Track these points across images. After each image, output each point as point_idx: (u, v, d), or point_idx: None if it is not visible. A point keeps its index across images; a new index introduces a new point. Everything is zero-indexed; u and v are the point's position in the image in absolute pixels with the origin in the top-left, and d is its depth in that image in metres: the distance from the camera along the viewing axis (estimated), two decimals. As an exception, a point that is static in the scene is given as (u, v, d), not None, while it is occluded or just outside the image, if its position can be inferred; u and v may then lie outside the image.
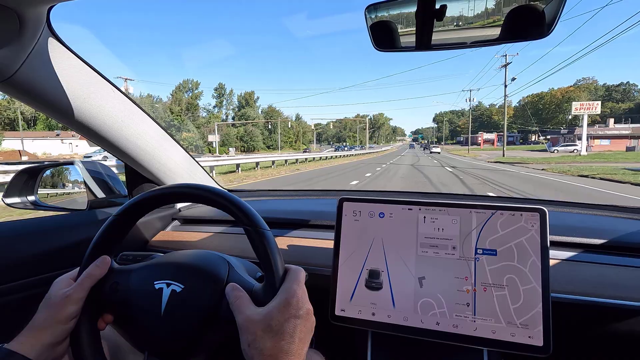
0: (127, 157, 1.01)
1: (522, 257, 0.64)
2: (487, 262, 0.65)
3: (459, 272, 0.66)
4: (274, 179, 13.34)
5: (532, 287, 0.63)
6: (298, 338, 0.45)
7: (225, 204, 0.53)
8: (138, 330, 0.54)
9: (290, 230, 1.03)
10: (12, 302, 0.79)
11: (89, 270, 0.53)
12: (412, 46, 0.68)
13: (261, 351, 0.43)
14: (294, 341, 0.44)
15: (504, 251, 0.65)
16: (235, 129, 73.58)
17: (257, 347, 0.43)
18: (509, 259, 0.65)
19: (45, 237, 0.87)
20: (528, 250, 0.64)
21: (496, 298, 0.64)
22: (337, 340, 0.88)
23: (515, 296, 0.63)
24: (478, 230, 0.67)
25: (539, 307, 0.62)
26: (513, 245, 0.65)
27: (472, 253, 0.66)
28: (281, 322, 0.45)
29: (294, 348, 0.44)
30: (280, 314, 0.45)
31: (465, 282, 0.66)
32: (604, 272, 0.74)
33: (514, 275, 0.64)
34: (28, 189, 1.09)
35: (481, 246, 0.66)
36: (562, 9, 0.57)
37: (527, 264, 0.63)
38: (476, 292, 0.65)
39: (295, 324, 0.45)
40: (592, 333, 0.74)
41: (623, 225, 0.90)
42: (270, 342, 0.43)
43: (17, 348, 0.46)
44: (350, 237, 0.74)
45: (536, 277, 0.63)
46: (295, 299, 0.47)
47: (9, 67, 0.65)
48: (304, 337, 0.46)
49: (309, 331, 0.47)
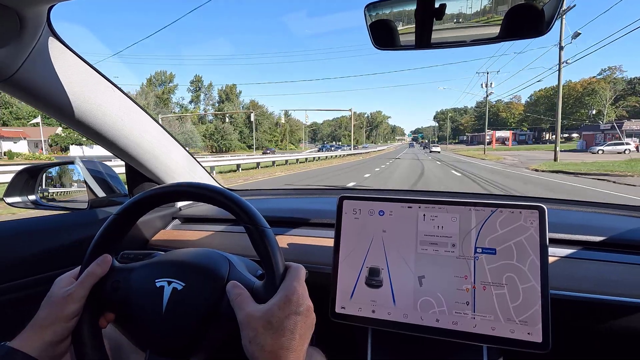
0: (127, 156, 1.01)
1: (522, 256, 0.64)
2: (486, 261, 0.66)
3: (459, 271, 0.66)
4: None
5: (531, 285, 0.63)
6: (298, 334, 0.45)
7: (225, 203, 0.53)
8: (139, 328, 0.54)
9: (291, 229, 1.03)
10: (14, 300, 0.79)
11: (90, 268, 0.53)
12: (412, 44, 0.69)
13: (262, 347, 0.44)
14: (294, 337, 0.44)
15: (503, 250, 0.65)
16: (204, 126, 65.25)
17: (258, 343, 0.44)
18: (508, 257, 0.65)
19: (46, 236, 0.87)
20: (527, 249, 0.64)
21: (495, 297, 0.64)
22: (337, 337, 0.89)
23: (514, 295, 0.63)
24: (477, 229, 0.67)
25: (538, 305, 0.62)
26: (512, 244, 0.65)
27: (471, 252, 0.67)
28: (281, 318, 0.45)
29: (294, 344, 0.44)
30: (281, 310, 0.46)
31: (465, 281, 0.66)
32: (604, 269, 0.74)
33: (513, 274, 0.64)
34: (29, 188, 1.10)
35: (480, 245, 0.66)
36: (560, 6, 0.57)
37: (527, 263, 0.64)
38: (475, 291, 0.65)
39: (295, 321, 0.45)
40: (591, 329, 0.74)
41: (622, 222, 0.90)
42: (270, 339, 0.44)
43: (19, 346, 0.46)
44: (350, 235, 0.74)
45: (535, 275, 0.63)
46: (296, 296, 0.47)
47: (10, 66, 0.65)
48: (304, 333, 0.46)
49: (309, 328, 0.47)
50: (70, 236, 0.91)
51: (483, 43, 0.68)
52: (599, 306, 0.69)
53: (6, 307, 0.78)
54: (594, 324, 0.72)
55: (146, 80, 63.87)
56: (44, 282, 0.82)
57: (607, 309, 0.69)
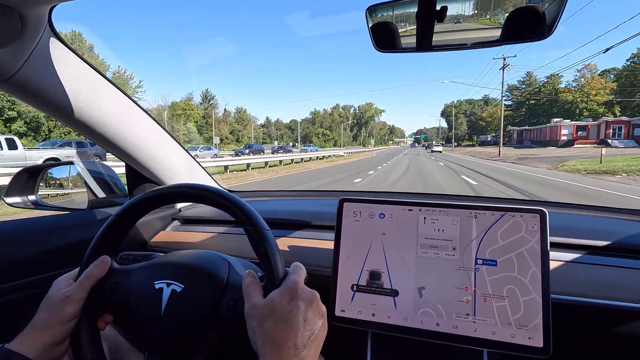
0: (127, 157, 1.01)
1: (523, 268, 0.64)
2: (487, 273, 0.65)
3: (459, 283, 0.66)
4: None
5: (533, 298, 0.62)
6: (302, 319, 0.45)
7: (225, 204, 0.53)
8: (138, 330, 0.54)
9: (291, 231, 1.03)
10: (12, 301, 0.79)
11: (89, 270, 0.53)
12: (413, 47, 0.69)
13: (266, 335, 0.44)
14: (297, 321, 0.44)
15: (504, 262, 0.65)
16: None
17: (261, 332, 0.44)
18: (509, 269, 0.64)
19: (45, 237, 0.87)
20: (528, 261, 0.64)
21: (496, 309, 0.63)
22: (337, 341, 0.88)
23: (515, 307, 0.63)
24: (478, 239, 0.67)
25: (540, 318, 0.61)
26: (513, 256, 0.64)
27: (472, 263, 0.66)
28: (284, 305, 0.45)
29: (298, 329, 0.44)
30: (282, 298, 0.46)
31: (465, 293, 0.65)
32: (605, 273, 0.74)
33: (514, 286, 0.63)
34: (29, 188, 1.10)
35: (481, 256, 0.66)
36: (562, 10, 0.57)
37: (528, 275, 0.63)
38: (476, 303, 0.64)
39: (297, 306, 0.46)
40: (592, 334, 0.74)
41: (624, 227, 0.90)
42: (273, 326, 0.44)
43: (17, 348, 0.46)
44: (350, 237, 0.74)
45: (536, 287, 0.62)
46: (296, 285, 0.48)
47: (11, 66, 0.65)
48: (311, 320, 0.46)
49: (317, 314, 0.47)
50: (69, 237, 0.91)
51: (484, 46, 0.68)
52: (601, 311, 0.68)
53: (4, 309, 0.78)
54: (596, 329, 0.72)
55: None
56: (42, 283, 0.81)
57: (609, 314, 0.68)
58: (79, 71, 0.79)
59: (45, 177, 1.15)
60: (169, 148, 1.10)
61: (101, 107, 0.85)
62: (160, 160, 1.07)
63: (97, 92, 0.83)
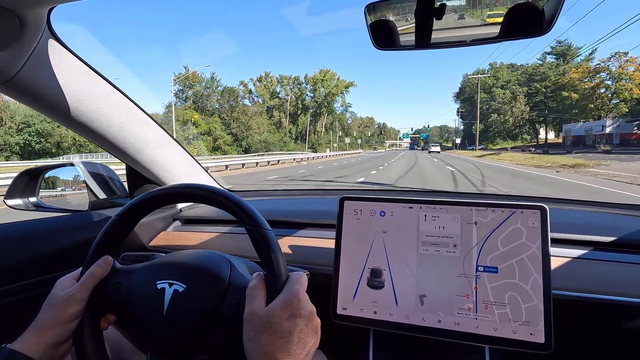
0: (128, 158, 1.01)
1: (524, 275, 0.63)
2: (488, 280, 0.65)
3: (460, 290, 0.66)
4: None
5: (535, 305, 0.62)
6: (297, 337, 0.45)
7: (227, 204, 0.53)
8: (140, 330, 0.54)
9: (292, 230, 1.03)
10: (15, 302, 0.79)
11: (91, 270, 0.53)
12: (412, 44, 0.69)
13: (260, 347, 0.44)
14: (292, 340, 0.44)
15: (505, 268, 0.64)
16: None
17: (257, 343, 0.44)
18: (510, 276, 0.64)
19: (47, 238, 0.87)
20: (529, 268, 0.63)
21: (497, 316, 0.63)
22: (338, 339, 0.88)
23: (517, 314, 0.63)
24: (479, 247, 0.66)
25: (541, 325, 0.61)
26: (514, 262, 0.64)
27: (473, 270, 0.66)
28: (282, 320, 0.45)
29: (292, 347, 0.44)
30: (282, 312, 0.46)
31: (467, 300, 0.65)
32: (608, 269, 0.74)
33: (515, 293, 0.63)
34: (29, 190, 1.10)
35: (482, 263, 0.66)
36: (561, 5, 0.57)
37: (529, 282, 0.63)
38: (477, 310, 0.64)
39: (295, 323, 0.45)
40: (595, 330, 0.74)
41: (627, 222, 0.89)
42: (269, 339, 0.44)
43: (20, 348, 0.46)
44: (351, 236, 0.74)
45: (538, 294, 0.62)
46: (297, 299, 0.47)
47: (10, 69, 0.65)
48: (305, 337, 0.46)
49: (311, 332, 0.47)
50: (71, 238, 0.91)
51: (483, 43, 0.68)
52: (603, 306, 0.68)
53: (7, 309, 0.78)
54: (598, 324, 0.72)
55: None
56: (45, 284, 0.81)
57: (611, 309, 0.68)
58: (79, 73, 0.79)
59: (46, 179, 1.15)
60: (169, 148, 1.10)
61: (101, 107, 0.85)
62: (161, 161, 1.08)
63: (97, 93, 0.83)
